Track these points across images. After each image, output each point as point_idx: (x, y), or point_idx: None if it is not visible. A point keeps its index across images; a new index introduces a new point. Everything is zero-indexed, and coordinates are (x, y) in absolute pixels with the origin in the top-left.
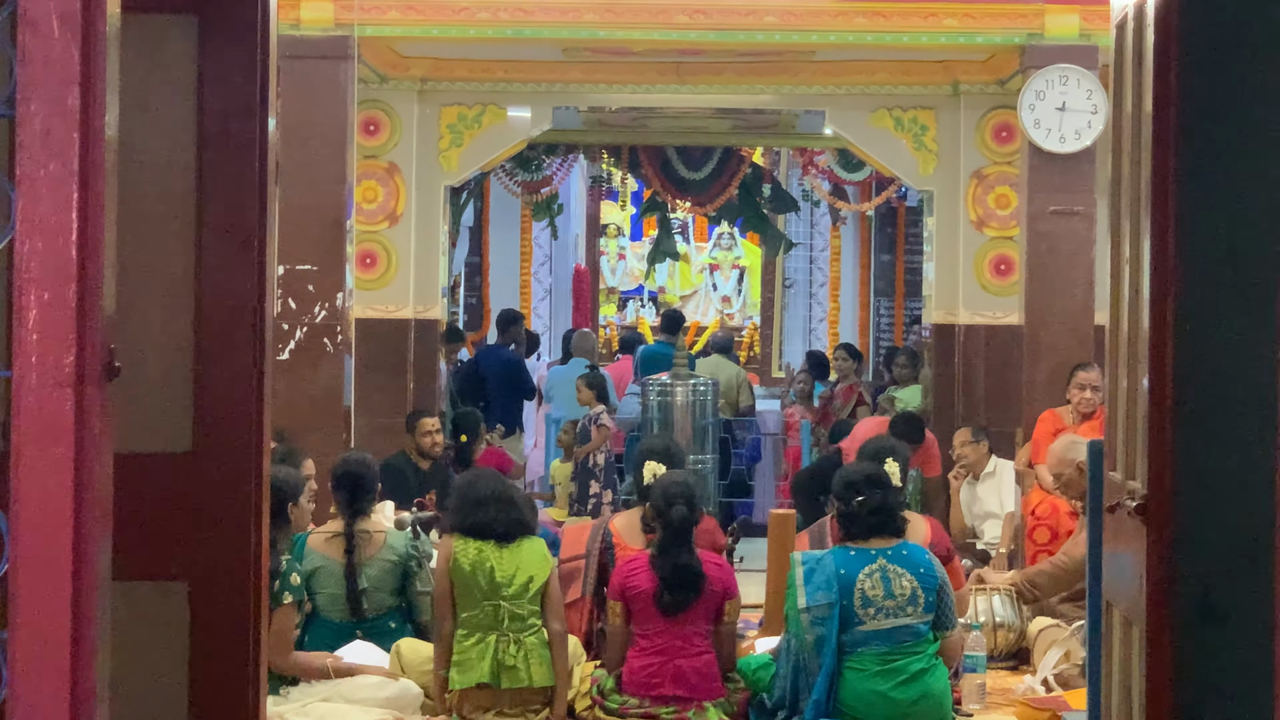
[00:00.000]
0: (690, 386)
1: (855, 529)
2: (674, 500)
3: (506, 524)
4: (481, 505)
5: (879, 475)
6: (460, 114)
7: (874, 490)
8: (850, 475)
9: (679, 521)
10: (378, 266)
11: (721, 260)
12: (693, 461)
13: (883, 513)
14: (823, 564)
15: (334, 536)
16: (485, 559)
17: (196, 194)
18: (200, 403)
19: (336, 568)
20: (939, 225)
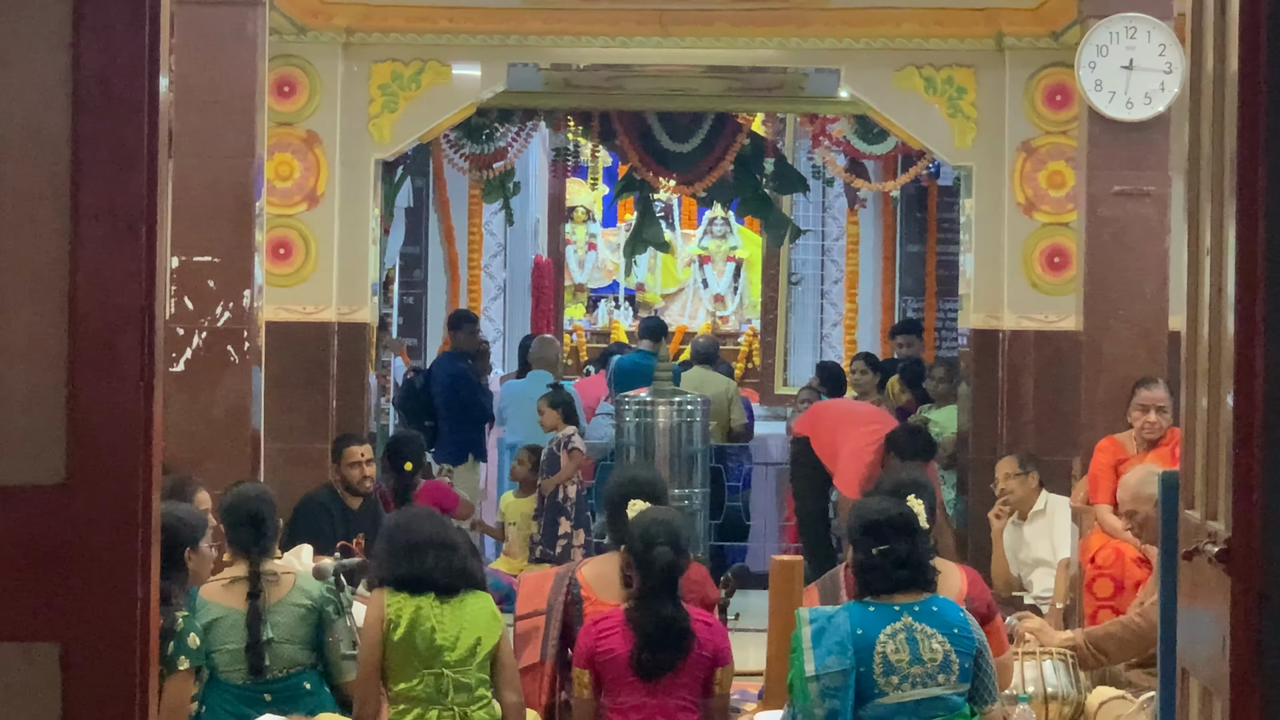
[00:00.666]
0: (674, 405)
1: (876, 583)
2: (655, 540)
3: (448, 574)
4: (417, 551)
5: (907, 518)
6: (395, 72)
7: (901, 538)
8: (870, 516)
9: (662, 567)
10: (293, 258)
11: (714, 251)
12: (677, 497)
13: (911, 566)
14: (835, 622)
15: (234, 581)
16: (424, 618)
17: (71, 169)
18: (75, 425)
19: (238, 617)
20: (979, 209)
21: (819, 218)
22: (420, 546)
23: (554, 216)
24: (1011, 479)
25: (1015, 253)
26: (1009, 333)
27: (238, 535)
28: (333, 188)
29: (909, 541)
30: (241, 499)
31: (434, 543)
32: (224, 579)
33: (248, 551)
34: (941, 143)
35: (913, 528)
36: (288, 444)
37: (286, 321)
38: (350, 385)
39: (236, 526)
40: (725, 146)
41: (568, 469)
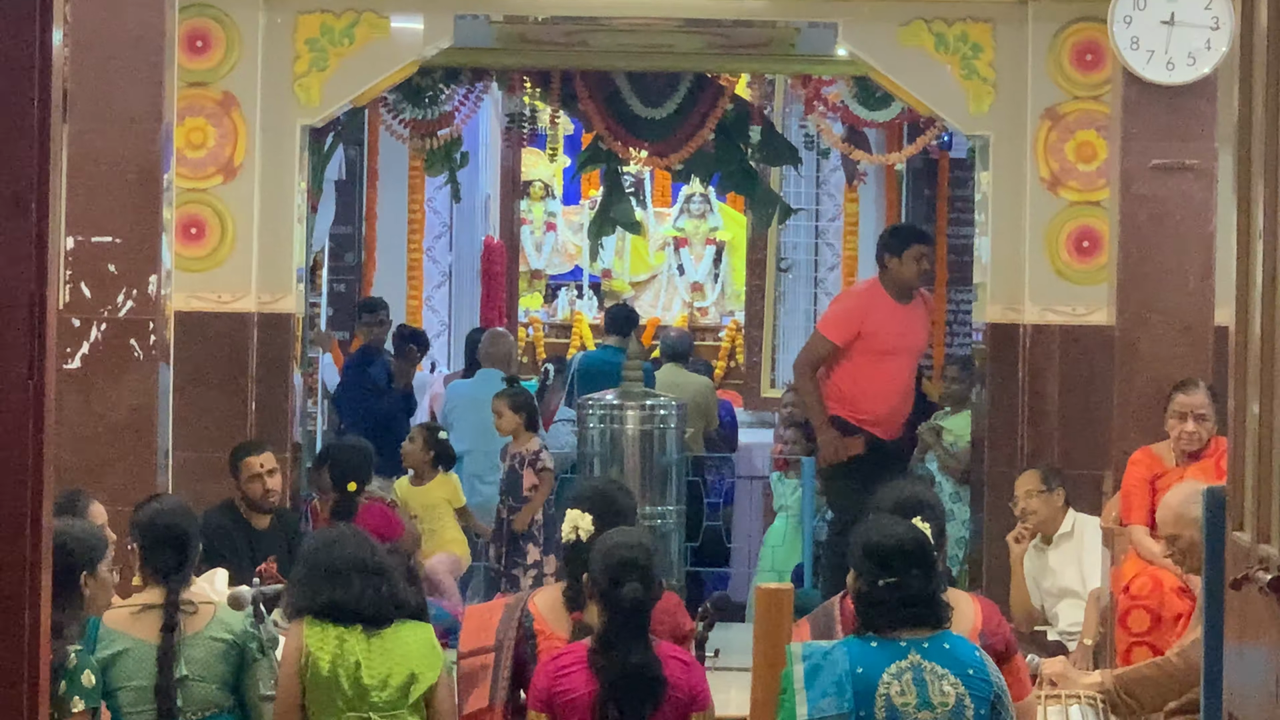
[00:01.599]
0: (645, 409)
1: (877, 619)
2: (623, 574)
3: (376, 603)
4: (339, 577)
5: (922, 546)
6: (324, 25)
7: (914, 570)
8: (880, 542)
9: (631, 603)
10: (207, 239)
11: (691, 233)
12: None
13: (920, 602)
14: (832, 660)
15: (145, 610)
16: (349, 653)
17: None
18: None
19: (147, 650)
20: (997, 185)
21: (812, 195)
22: (343, 572)
23: (507, 192)
24: (1034, 496)
25: (1038, 235)
26: (1031, 327)
27: (157, 558)
28: (252, 158)
29: (923, 574)
30: (162, 516)
31: (360, 567)
32: (132, 606)
33: (167, 577)
34: (954, 109)
35: (928, 558)
36: (199, 453)
37: (199, 312)
38: (272, 386)
39: (156, 548)
40: (705, 112)
41: (541, 495)
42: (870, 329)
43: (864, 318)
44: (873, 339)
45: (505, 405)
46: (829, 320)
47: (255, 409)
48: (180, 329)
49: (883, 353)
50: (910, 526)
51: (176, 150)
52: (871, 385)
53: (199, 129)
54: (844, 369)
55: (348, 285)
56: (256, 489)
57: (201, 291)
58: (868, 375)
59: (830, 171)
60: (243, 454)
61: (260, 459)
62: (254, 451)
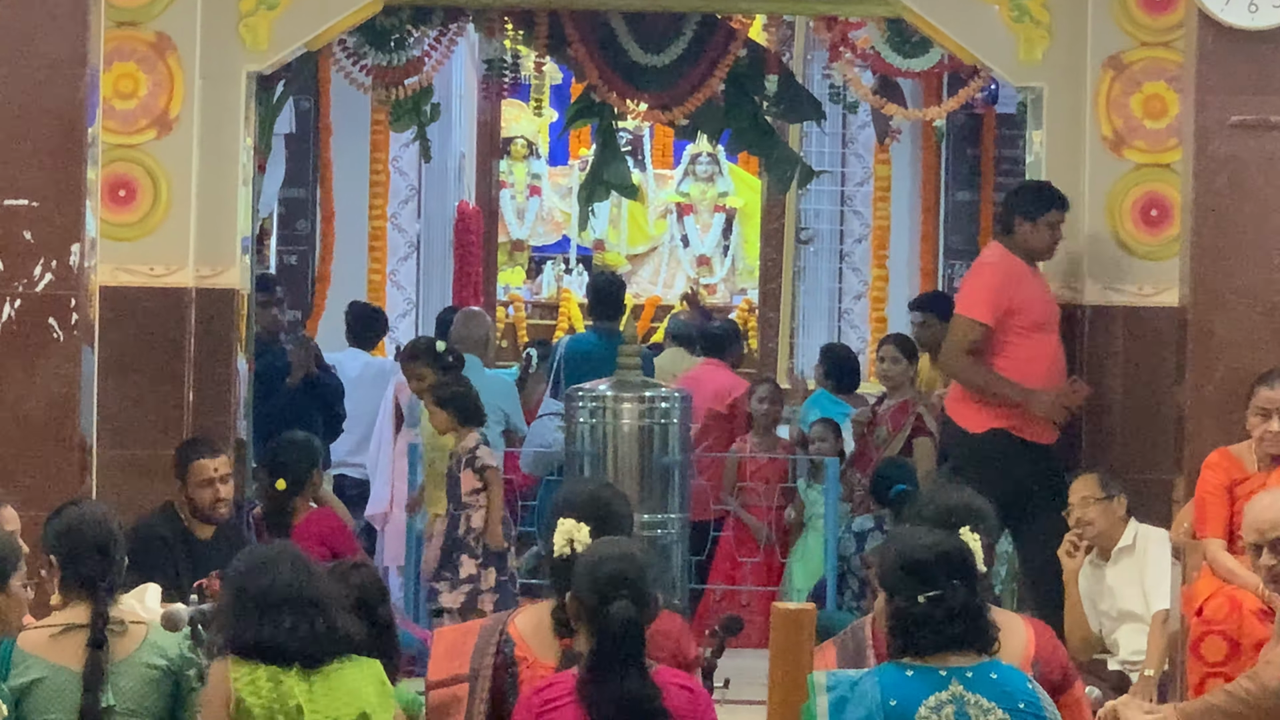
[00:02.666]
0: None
1: (921, 640)
2: (612, 590)
3: (312, 640)
4: (268, 611)
5: (963, 556)
6: None
7: (956, 582)
8: (915, 554)
9: (621, 624)
10: (138, 203)
11: (697, 199)
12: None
13: (966, 617)
14: (861, 691)
15: (67, 630)
16: (288, 696)
17: None
18: None
19: (70, 677)
20: (1051, 145)
21: (838, 155)
22: (272, 605)
23: (485, 151)
24: (1091, 505)
25: (1099, 203)
26: (1090, 309)
27: (78, 570)
28: (190, 109)
29: (966, 586)
30: (84, 523)
31: (292, 599)
32: (52, 627)
33: (91, 592)
34: (1002, 56)
35: (970, 568)
36: (128, 450)
37: (128, 287)
38: (213, 373)
39: (76, 559)
40: (714, 59)
41: (496, 499)
42: (1019, 302)
43: (1012, 289)
44: (1024, 312)
45: (430, 401)
46: (970, 298)
47: (193, 400)
48: (106, 306)
49: (1036, 327)
50: (948, 535)
51: (103, 100)
52: (1034, 367)
53: (129, 76)
54: (998, 354)
55: (300, 257)
56: (207, 496)
57: (131, 263)
58: (1028, 355)
59: (858, 129)
60: (194, 455)
61: (215, 463)
62: (208, 453)
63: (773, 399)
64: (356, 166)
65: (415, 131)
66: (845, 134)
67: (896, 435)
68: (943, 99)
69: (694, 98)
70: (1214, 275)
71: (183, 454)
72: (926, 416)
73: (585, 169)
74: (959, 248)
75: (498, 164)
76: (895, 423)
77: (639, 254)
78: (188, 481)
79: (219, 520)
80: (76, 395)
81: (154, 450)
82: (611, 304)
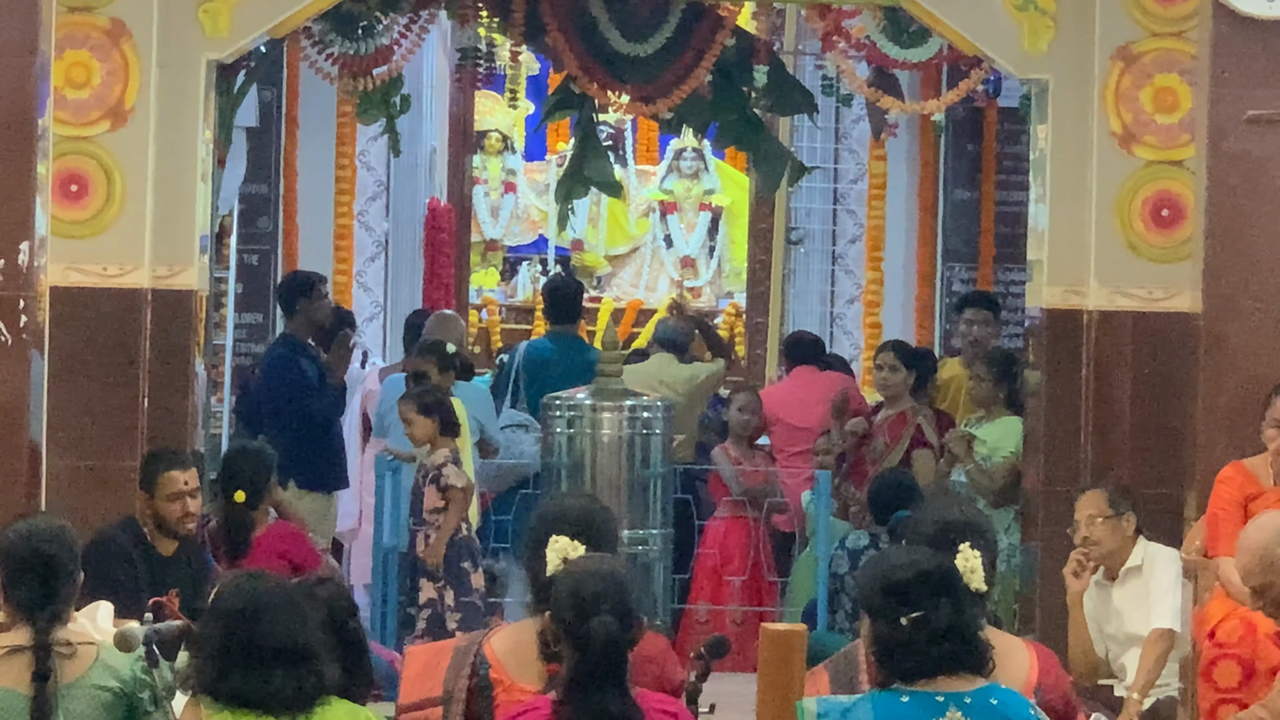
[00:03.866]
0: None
1: (907, 663)
2: (593, 606)
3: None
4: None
5: (945, 575)
6: None
7: (938, 600)
8: (894, 575)
9: (603, 643)
10: (90, 199)
11: (682, 196)
12: (629, 541)
13: (953, 637)
14: (854, 717)
15: (10, 653)
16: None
17: None
18: None
19: (16, 702)
20: (1056, 140)
21: (830, 151)
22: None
23: (457, 145)
24: (1098, 523)
25: (1107, 202)
26: (1097, 314)
27: (20, 591)
28: (147, 100)
29: (951, 604)
30: (27, 540)
31: (285, 653)
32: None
33: (33, 614)
34: (1005, 47)
35: (952, 585)
36: (79, 460)
37: (80, 287)
38: (170, 379)
39: (19, 578)
40: (700, 49)
41: (450, 521)
42: None
43: None
44: None
45: (412, 409)
46: None
47: (148, 407)
48: (57, 308)
49: None
50: (931, 555)
51: (54, 90)
52: None
53: (81, 64)
54: None
55: (261, 257)
56: (175, 510)
57: (84, 263)
58: None
59: (853, 123)
60: (164, 466)
61: (185, 475)
62: (178, 465)
63: (753, 409)
64: (321, 161)
65: (384, 124)
66: (838, 128)
67: (894, 447)
68: (942, 92)
69: (679, 89)
70: (1228, 279)
71: (151, 465)
72: (926, 428)
73: (563, 164)
74: (958, 249)
75: (471, 159)
76: (893, 434)
77: (620, 255)
78: (155, 494)
79: (185, 535)
80: (25, 402)
81: (106, 461)
82: (567, 307)
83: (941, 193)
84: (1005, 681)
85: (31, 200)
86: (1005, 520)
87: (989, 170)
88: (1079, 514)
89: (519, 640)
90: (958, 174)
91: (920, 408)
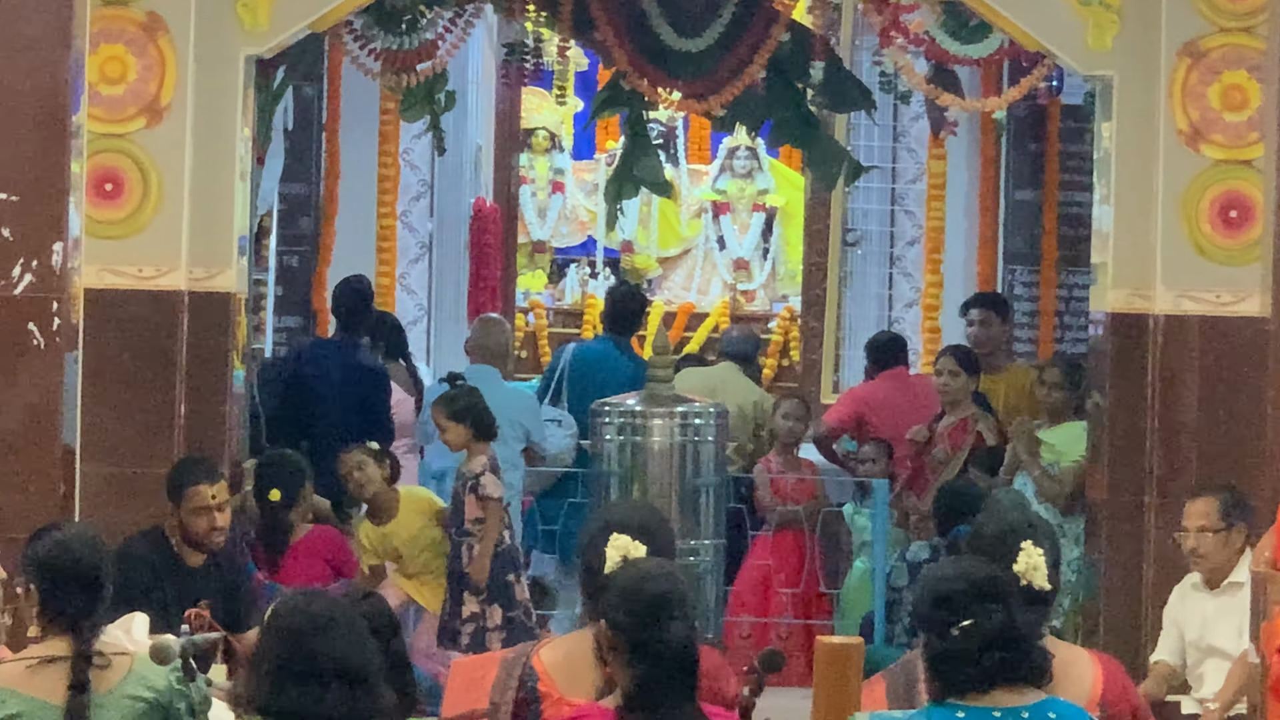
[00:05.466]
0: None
1: (959, 676)
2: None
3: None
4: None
5: (998, 584)
6: None
7: (988, 607)
8: (944, 586)
9: (677, 648)
10: (126, 198)
11: (735, 197)
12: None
13: (1007, 645)
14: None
15: (46, 663)
16: None
17: None
18: None
19: (49, 714)
20: (1121, 139)
21: (888, 149)
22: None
23: (503, 143)
24: (1208, 537)
25: (1173, 202)
26: (1163, 318)
27: (60, 601)
28: (184, 96)
29: (1003, 611)
30: (67, 548)
31: (343, 671)
32: (29, 659)
33: (74, 624)
34: (1069, 42)
35: (1005, 592)
36: (113, 466)
37: (114, 289)
38: (207, 385)
39: (58, 588)
40: (754, 44)
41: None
42: None
43: None
44: None
45: (442, 414)
46: None
47: (185, 414)
48: (91, 310)
49: None
50: (982, 564)
51: (89, 86)
52: None
53: (117, 59)
54: None
55: (301, 258)
56: (202, 525)
57: (118, 264)
58: None
59: (911, 121)
60: (191, 479)
61: (214, 489)
62: (205, 478)
63: (798, 416)
64: (363, 160)
65: (428, 122)
66: (897, 126)
67: (955, 455)
68: (1003, 89)
69: (732, 86)
70: None
71: (178, 476)
72: (987, 434)
73: (613, 164)
74: (1020, 251)
75: (518, 158)
76: (954, 442)
77: (671, 257)
78: (181, 506)
79: (212, 548)
80: (58, 406)
81: (141, 468)
82: (628, 319)
83: (1003, 193)
84: (1067, 695)
85: (65, 199)
86: (1076, 529)
87: (1052, 170)
88: (1187, 521)
89: (570, 652)
90: (1019, 174)
91: (982, 415)
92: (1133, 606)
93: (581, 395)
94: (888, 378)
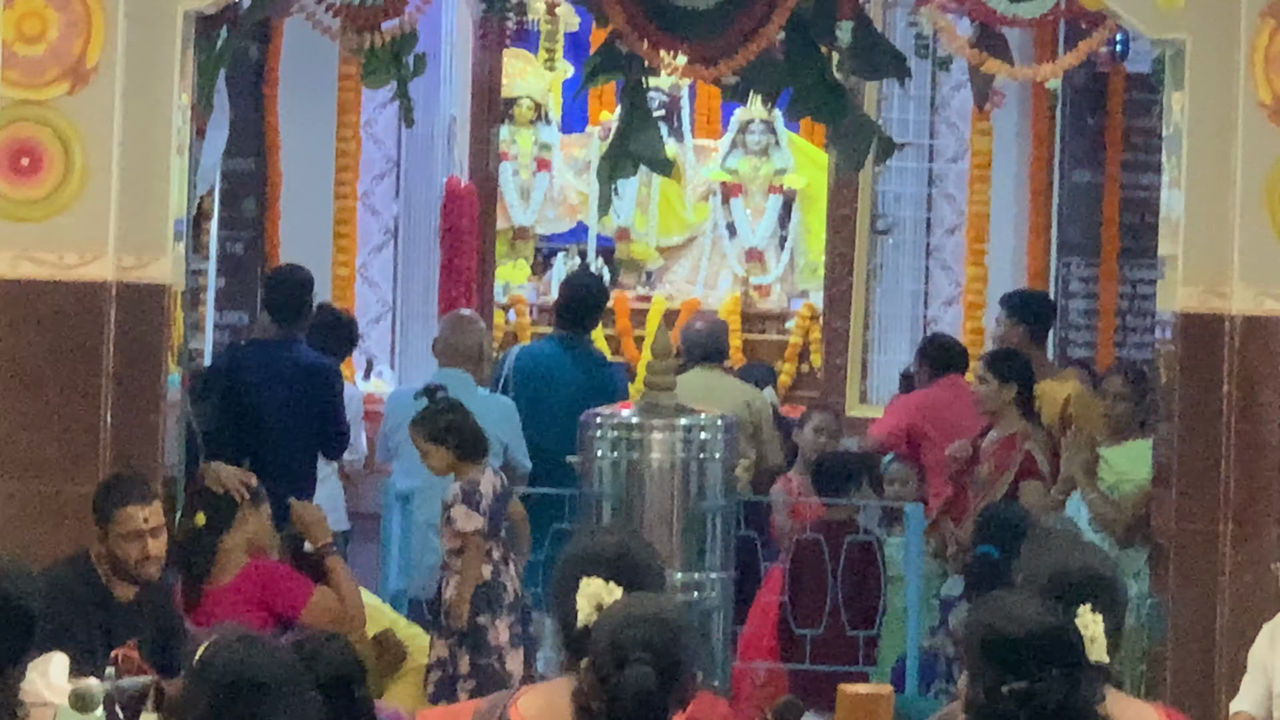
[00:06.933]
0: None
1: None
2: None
3: None
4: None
5: (1063, 637)
6: None
7: (1050, 670)
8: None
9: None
10: (45, 174)
11: (748, 177)
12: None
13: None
14: None
15: None
16: None
17: None
18: None
19: None
20: (1194, 113)
21: (925, 124)
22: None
23: (481, 114)
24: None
25: (1254, 186)
26: (1241, 319)
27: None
28: (113, 58)
29: (1065, 677)
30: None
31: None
32: None
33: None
34: (1135, 2)
35: (1069, 652)
36: (30, 484)
37: (31, 280)
38: (138, 389)
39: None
40: (772, 1)
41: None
42: None
43: None
44: None
45: (422, 436)
46: None
47: (112, 423)
48: (3, 304)
49: None
50: (1050, 609)
51: (3, 45)
52: None
53: (35, 15)
54: None
55: (247, 245)
56: (133, 552)
57: (37, 250)
58: None
59: (952, 91)
60: (120, 500)
61: (145, 511)
62: (137, 498)
63: (831, 431)
64: (319, 133)
65: (394, 89)
66: (935, 97)
67: (1001, 476)
68: (1058, 54)
69: (746, 49)
70: None
71: (105, 497)
72: (1038, 454)
73: (607, 138)
74: (1076, 241)
75: (497, 131)
76: (1001, 460)
77: (673, 246)
78: (110, 531)
79: (144, 580)
80: None
81: (61, 486)
82: (584, 312)
83: (1057, 175)
84: None
85: None
86: (1136, 563)
87: (1114, 148)
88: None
89: (550, 702)
90: (1076, 152)
91: (1033, 430)
92: (1205, 653)
93: (531, 404)
94: (945, 385)
